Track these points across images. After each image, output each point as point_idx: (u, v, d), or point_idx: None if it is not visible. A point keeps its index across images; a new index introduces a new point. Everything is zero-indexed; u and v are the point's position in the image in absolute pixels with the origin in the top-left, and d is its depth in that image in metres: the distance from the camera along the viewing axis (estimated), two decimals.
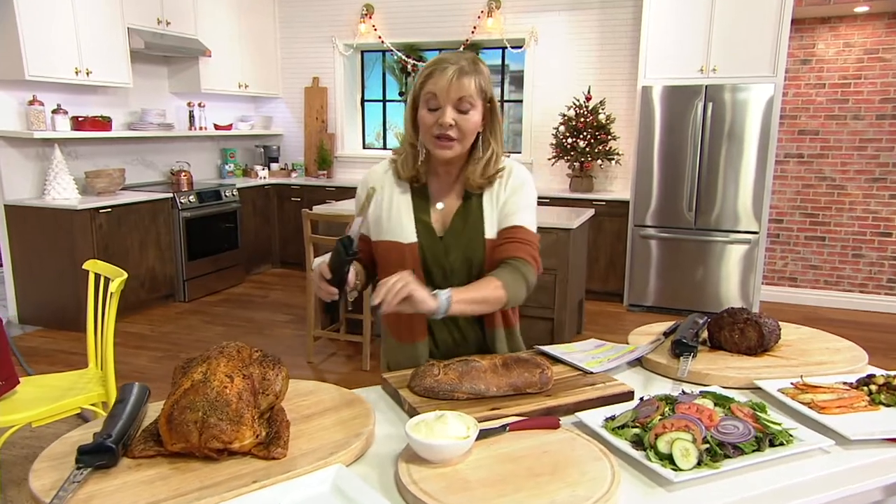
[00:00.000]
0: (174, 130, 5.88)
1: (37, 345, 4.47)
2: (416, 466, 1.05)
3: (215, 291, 5.77)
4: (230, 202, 5.90)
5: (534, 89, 6.15)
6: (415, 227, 1.56)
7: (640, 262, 5.42)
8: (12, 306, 4.95)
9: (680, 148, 5.15)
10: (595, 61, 5.90)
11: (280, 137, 7.14)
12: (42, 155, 4.95)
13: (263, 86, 6.75)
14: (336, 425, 1.18)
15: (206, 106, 6.25)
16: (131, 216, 4.98)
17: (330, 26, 6.70)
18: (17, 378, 2.58)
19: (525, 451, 1.12)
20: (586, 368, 1.51)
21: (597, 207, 5.39)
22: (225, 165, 6.69)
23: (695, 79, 5.08)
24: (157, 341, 4.54)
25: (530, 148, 6.27)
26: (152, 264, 5.20)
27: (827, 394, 1.40)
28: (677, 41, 5.09)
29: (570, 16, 5.91)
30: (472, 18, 6.18)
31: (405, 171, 1.58)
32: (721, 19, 4.95)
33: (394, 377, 1.44)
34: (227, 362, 1.09)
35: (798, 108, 5.42)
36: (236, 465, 1.03)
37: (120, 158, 5.60)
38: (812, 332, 1.84)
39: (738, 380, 1.49)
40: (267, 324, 4.93)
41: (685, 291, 5.32)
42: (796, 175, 5.51)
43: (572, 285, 4.30)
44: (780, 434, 1.20)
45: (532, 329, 4.27)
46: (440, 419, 1.10)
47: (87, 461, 0.98)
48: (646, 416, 1.23)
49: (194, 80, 5.95)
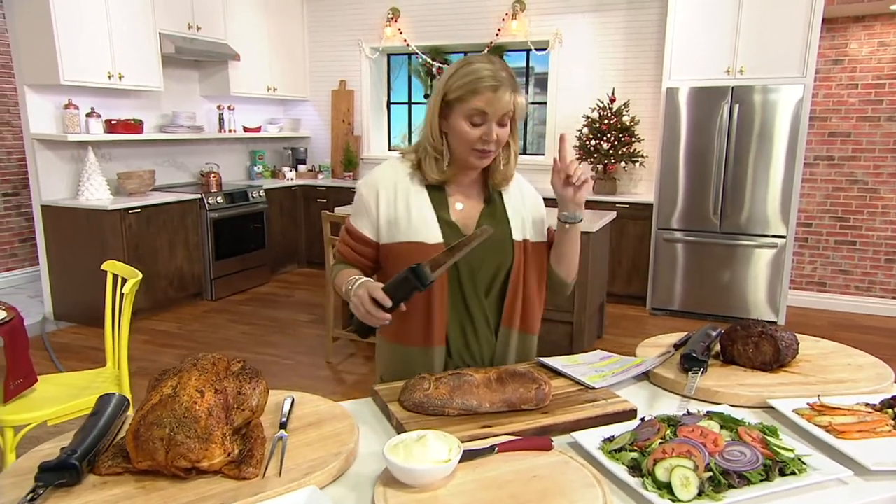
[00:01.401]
0: (204, 133, 5.90)
1: (69, 341, 4.52)
2: (393, 491, 0.97)
3: (242, 290, 5.77)
4: (257, 203, 5.90)
5: (558, 91, 6.02)
6: (439, 228, 1.50)
7: (664, 266, 5.25)
8: (48, 303, 5.01)
9: (706, 150, 4.97)
10: (619, 63, 5.74)
11: (308, 139, 7.13)
12: (76, 157, 5.01)
13: (291, 89, 6.74)
14: (317, 442, 1.11)
15: (236, 109, 6.27)
16: (160, 216, 5.01)
17: (357, 30, 6.66)
18: (36, 376, 2.57)
19: (512, 476, 1.03)
20: (588, 383, 1.41)
21: (620, 210, 5.26)
22: (254, 167, 6.71)
23: (721, 80, 4.90)
24: (183, 339, 4.55)
25: (553, 149, 6.14)
26: (180, 264, 5.22)
27: (846, 416, 1.28)
28: (703, 42, 4.92)
29: (594, 17, 5.76)
30: (497, 21, 6.07)
31: (433, 176, 1.51)
32: (749, 20, 4.76)
33: (385, 389, 1.36)
34: (200, 376, 1.03)
35: (828, 110, 5.19)
36: (205, 486, 0.97)
37: (151, 160, 5.64)
38: (834, 346, 1.70)
39: (750, 398, 1.37)
40: (290, 323, 4.91)
41: (710, 296, 5.14)
42: (826, 178, 5.28)
43: (592, 289, 4.18)
44: (791, 462, 1.09)
45: (552, 333, 4.16)
46: (420, 441, 1.01)
47: (46, 479, 0.93)
48: (645, 439, 1.13)
49: (224, 83, 5.96)
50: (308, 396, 1.29)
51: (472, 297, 1.52)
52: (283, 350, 4.33)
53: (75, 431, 1.05)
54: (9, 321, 2.45)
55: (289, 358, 4.19)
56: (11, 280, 5.96)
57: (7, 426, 2.38)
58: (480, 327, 1.54)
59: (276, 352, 4.30)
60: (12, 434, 2.40)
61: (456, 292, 1.51)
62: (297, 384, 3.77)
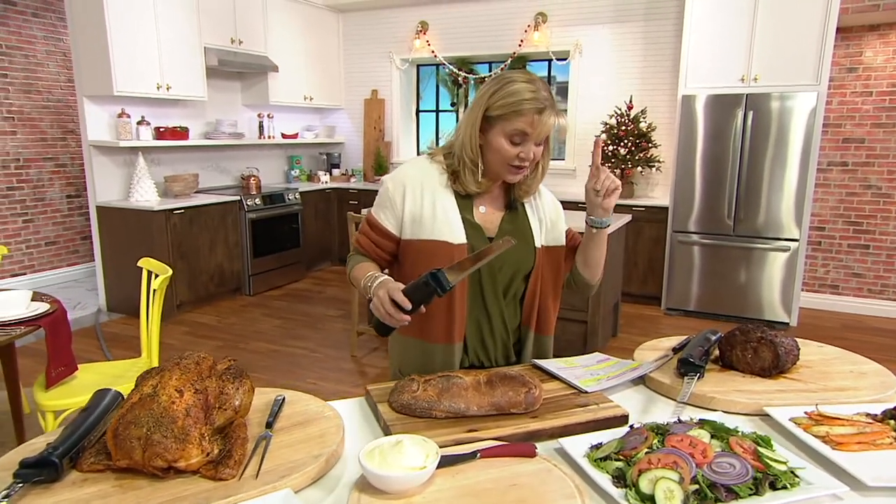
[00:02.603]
0: (245, 139, 5.92)
1: (118, 331, 4.57)
2: (368, 497, 0.90)
3: (278, 286, 5.78)
4: (293, 205, 5.90)
5: (577, 99, 5.88)
6: (463, 228, 1.44)
7: (679, 267, 5.08)
8: (102, 296, 5.08)
9: (720, 155, 4.79)
10: (637, 71, 5.58)
11: (342, 145, 7.12)
12: (128, 162, 5.07)
13: (327, 98, 6.73)
14: (300, 442, 1.04)
15: (275, 117, 6.28)
16: (202, 217, 5.03)
17: (388, 42, 6.62)
18: (76, 365, 2.57)
19: (491, 484, 0.95)
20: (581, 387, 1.31)
21: (636, 213, 5.11)
22: (291, 171, 6.72)
23: (736, 87, 4.70)
24: (221, 332, 4.56)
25: (573, 155, 6.00)
26: (221, 261, 5.24)
27: (845, 426, 1.16)
28: (718, 51, 4.73)
29: (613, 28, 5.61)
30: (520, 32, 5.96)
31: (472, 187, 1.45)
32: (763, 29, 4.56)
33: (377, 389, 1.29)
34: (181, 375, 0.97)
35: (843, 117, 4.95)
36: (181, 486, 0.91)
37: (196, 164, 5.69)
38: (837, 351, 1.57)
39: (747, 405, 1.26)
40: (320, 318, 4.88)
41: (724, 297, 4.95)
42: (839, 183, 5.03)
43: (607, 289, 4.04)
44: (783, 475, 0.98)
45: (566, 332, 4.05)
46: (396, 446, 0.94)
47: (25, 476, 0.88)
48: (632, 448, 1.04)
49: (264, 93, 5.98)
50: (299, 395, 1.23)
51: (490, 297, 1.47)
52: (311, 343, 4.30)
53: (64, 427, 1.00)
54: (52, 313, 2.46)
55: (316, 351, 4.16)
56: (73, 274, 6.08)
57: (48, 410, 2.39)
58: (497, 326, 1.50)
59: (305, 345, 4.27)
60: (53, 418, 2.41)
61: (476, 292, 1.46)
62: (323, 376, 3.73)
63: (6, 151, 5.46)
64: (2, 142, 5.42)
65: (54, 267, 5.94)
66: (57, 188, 5.90)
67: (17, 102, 5.52)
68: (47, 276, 5.86)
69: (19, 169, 5.58)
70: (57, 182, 5.89)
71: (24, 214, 5.66)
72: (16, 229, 5.60)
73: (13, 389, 2.88)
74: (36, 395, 2.42)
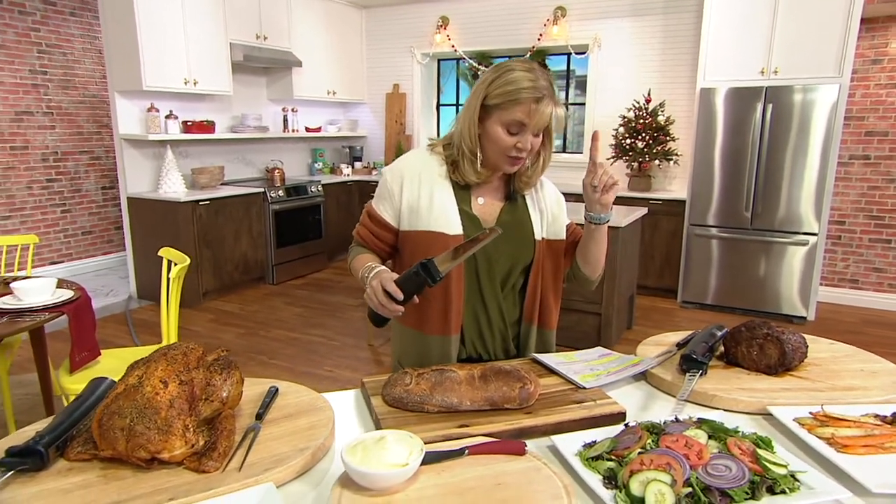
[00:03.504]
0: (270, 132, 5.93)
1: (147, 318, 4.62)
2: (349, 493, 0.86)
3: (300, 276, 5.80)
4: (315, 196, 5.90)
5: (596, 93, 5.75)
6: (460, 219, 1.39)
7: (696, 261, 4.95)
8: (132, 283, 5.16)
9: (739, 149, 4.64)
10: (656, 65, 5.43)
11: (364, 139, 7.10)
12: (157, 154, 5.11)
13: (349, 92, 6.71)
14: (289, 435, 1.01)
15: (299, 111, 6.28)
16: (227, 208, 5.06)
17: (409, 38, 6.56)
18: (99, 350, 2.59)
19: (477, 482, 0.90)
20: (579, 382, 1.25)
21: (654, 206, 4.99)
22: (315, 164, 6.72)
23: (755, 81, 4.54)
24: (244, 319, 4.58)
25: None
26: (245, 250, 5.27)
27: (852, 428, 1.08)
28: (738, 44, 4.57)
29: (632, 22, 5.46)
30: (539, 26, 5.84)
31: (471, 178, 1.39)
32: (784, 21, 4.38)
33: (371, 382, 1.25)
34: (167, 366, 0.94)
35: (866, 109, 4.75)
36: (164, 477, 0.88)
37: (223, 157, 5.72)
38: (849, 349, 1.48)
39: (749, 404, 1.19)
40: (339, 307, 4.88)
41: (741, 290, 4.81)
42: (861, 177, 4.84)
43: (621, 282, 3.95)
44: (782, 479, 0.91)
45: (580, 324, 3.97)
46: (379, 442, 0.90)
47: (10, 464, 0.86)
48: (625, 448, 0.98)
49: (288, 87, 5.97)
50: (294, 386, 1.19)
51: (487, 288, 1.41)
52: (329, 332, 4.30)
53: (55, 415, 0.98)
54: (75, 300, 2.48)
55: (334, 339, 4.15)
56: (107, 263, 6.19)
57: (72, 394, 2.41)
58: (495, 319, 1.44)
59: (324, 333, 4.27)
60: None
61: (473, 283, 1.41)
62: (339, 364, 3.73)
63: (46, 145, 5.56)
64: (42, 136, 5.52)
65: (90, 256, 6.05)
66: (92, 180, 5.99)
67: (56, 98, 5.61)
68: (83, 265, 5.97)
69: (57, 161, 5.68)
70: (92, 174, 5.99)
71: (62, 205, 5.77)
72: (55, 219, 5.71)
73: (43, 372, 2.92)
74: (61, 378, 2.45)
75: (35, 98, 5.44)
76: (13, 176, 5.34)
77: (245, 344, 4.02)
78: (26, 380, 3.43)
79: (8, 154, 5.28)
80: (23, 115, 5.36)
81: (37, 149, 5.50)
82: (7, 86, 5.22)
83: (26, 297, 2.36)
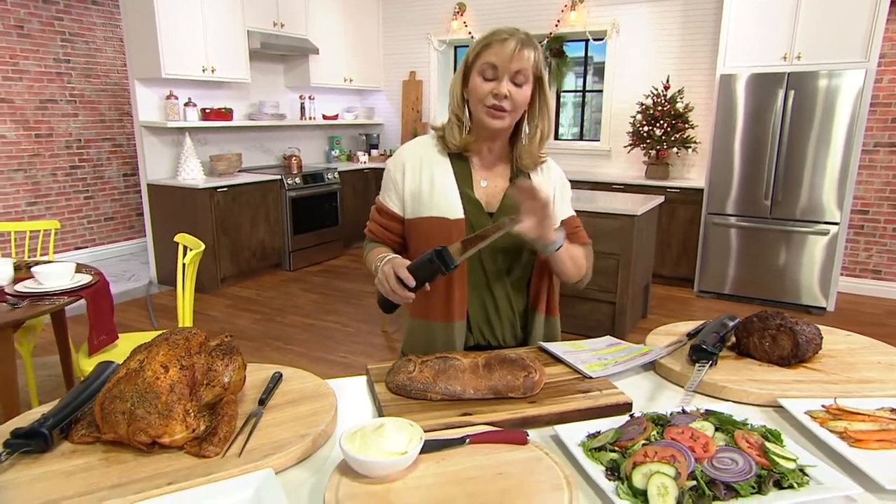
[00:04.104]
0: (287, 120, 5.94)
1: (166, 302, 4.68)
2: (347, 480, 0.85)
3: (317, 262, 5.82)
4: (332, 184, 5.90)
5: (614, 79, 5.65)
6: (461, 203, 1.36)
7: (714, 250, 4.86)
8: (152, 268, 5.22)
9: (759, 136, 4.53)
10: (675, 51, 5.31)
11: (381, 126, 7.07)
12: (176, 142, 5.15)
13: (366, 80, 6.68)
14: (291, 421, 1.00)
15: (316, 98, 6.28)
16: (244, 195, 5.08)
17: (426, 24, 6.50)
18: (117, 334, 2.63)
19: (477, 472, 0.89)
20: (585, 372, 1.23)
21: (671, 195, 4.91)
22: (331, 151, 6.72)
23: (777, 66, 4.42)
24: (260, 305, 4.62)
25: (609, 136, 5.79)
26: (262, 237, 5.30)
27: (866, 422, 1.04)
28: (759, 29, 4.45)
29: (651, 6, 5.34)
30: (556, 12, 5.75)
31: (453, 141, 1.38)
32: (809, 4, 4.25)
33: (376, 369, 1.23)
34: (168, 351, 0.93)
35: (893, 95, 4.60)
36: (165, 461, 0.88)
37: (240, 144, 5.74)
38: (866, 340, 1.43)
39: (760, 396, 1.16)
40: (355, 294, 4.89)
41: (759, 280, 4.72)
42: (886, 165, 4.70)
43: (636, 270, 3.90)
44: (790, 474, 0.88)
45: (595, 313, 3.94)
46: (378, 430, 0.88)
47: (14, 446, 0.86)
48: (629, 439, 0.96)
49: (305, 75, 5.96)
50: (299, 372, 1.19)
51: (493, 274, 1.39)
52: (344, 318, 4.31)
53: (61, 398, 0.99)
54: (93, 284, 2.51)
55: (349, 325, 4.16)
56: (129, 248, 6.27)
57: None
58: (503, 306, 1.41)
59: (339, 319, 4.28)
60: None
61: (477, 269, 1.38)
62: (353, 350, 3.74)
63: (69, 132, 5.63)
64: (65, 123, 5.59)
65: (112, 241, 6.14)
66: (114, 167, 6.06)
67: (79, 86, 5.66)
68: (106, 250, 6.06)
69: (81, 149, 5.75)
70: (115, 161, 6.05)
71: (85, 192, 5.84)
72: (78, 205, 5.80)
73: (65, 354, 2.98)
74: (80, 361, 2.49)
75: (59, 86, 5.50)
76: (38, 163, 5.42)
77: (261, 329, 4.05)
78: (50, 361, 3.50)
79: (34, 141, 5.36)
80: (47, 104, 5.42)
81: (61, 136, 5.57)
82: (32, 74, 5.28)
83: (46, 281, 2.39)
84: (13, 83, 5.17)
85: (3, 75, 5.09)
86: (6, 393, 2.32)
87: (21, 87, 5.22)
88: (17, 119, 5.22)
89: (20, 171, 5.29)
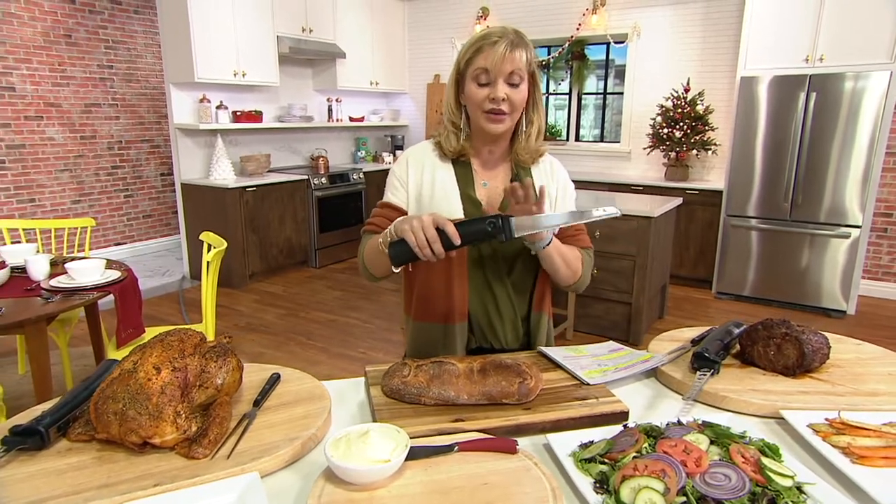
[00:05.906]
0: (315, 122, 5.96)
1: (197, 297, 4.74)
2: (331, 486, 0.83)
3: (342, 260, 5.84)
4: (357, 184, 5.91)
5: (634, 82, 5.53)
6: (462, 204, 1.33)
7: (732, 252, 4.72)
8: (186, 264, 5.30)
9: (780, 139, 4.37)
10: (696, 53, 5.17)
11: (405, 128, 7.06)
12: (208, 143, 5.21)
13: (392, 83, 6.67)
14: (283, 423, 0.98)
15: (343, 101, 6.29)
16: (272, 194, 5.12)
17: (450, 28, 6.46)
18: (144, 328, 2.66)
19: (462, 481, 0.85)
20: (583, 378, 1.18)
21: (690, 196, 4.78)
22: (358, 152, 6.74)
23: (798, 68, 4.26)
24: (285, 300, 4.65)
25: (629, 138, 5.67)
26: (289, 235, 5.34)
27: (871, 438, 0.98)
28: (781, 31, 4.29)
29: (672, 10, 5.21)
30: (578, 16, 5.65)
31: (449, 148, 1.34)
32: (832, 5, 4.08)
33: (374, 371, 1.21)
34: (161, 352, 0.92)
35: None
36: (154, 462, 0.87)
37: (270, 145, 5.79)
38: (877, 350, 1.35)
39: (761, 406, 1.10)
40: (377, 291, 4.89)
41: (778, 282, 4.57)
42: None
43: (653, 271, 3.81)
44: (786, 492, 0.82)
45: (610, 313, 3.86)
46: (363, 437, 0.86)
47: (11, 443, 0.86)
48: (620, 450, 0.91)
49: (332, 78, 5.98)
50: (297, 373, 1.17)
51: (493, 275, 1.35)
52: (364, 314, 4.31)
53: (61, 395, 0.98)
54: (122, 280, 2.54)
55: (369, 322, 4.16)
56: (166, 245, 6.38)
57: None
58: (504, 307, 1.37)
59: (359, 315, 4.28)
60: None
61: (477, 269, 1.34)
62: (372, 346, 3.73)
63: (111, 134, 5.75)
64: (108, 126, 5.71)
65: (150, 238, 6.26)
66: (152, 167, 6.18)
67: (121, 91, 5.78)
68: (144, 246, 6.18)
69: (121, 150, 5.87)
70: (152, 161, 6.17)
71: (125, 190, 5.97)
72: (118, 203, 5.92)
73: (98, 346, 3.03)
74: (108, 353, 2.53)
75: (102, 91, 5.62)
76: (83, 163, 5.55)
77: (285, 324, 4.07)
78: (86, 352, 3.58)
79: (79, 143, 5.49)
80: (91, 107, 5.55)
81: (103, 138, 5.69)
82: (79, 80, 5.41)
83: (78, 277, 2.44)
84: (61, 88, 5.30)
85: (53, 81, 5.23)
86: (41, 382, 2.37)
87: (68, 92, 5.35)
88: (64, 122, 5.36)
89: (66, 171, 5.43)
